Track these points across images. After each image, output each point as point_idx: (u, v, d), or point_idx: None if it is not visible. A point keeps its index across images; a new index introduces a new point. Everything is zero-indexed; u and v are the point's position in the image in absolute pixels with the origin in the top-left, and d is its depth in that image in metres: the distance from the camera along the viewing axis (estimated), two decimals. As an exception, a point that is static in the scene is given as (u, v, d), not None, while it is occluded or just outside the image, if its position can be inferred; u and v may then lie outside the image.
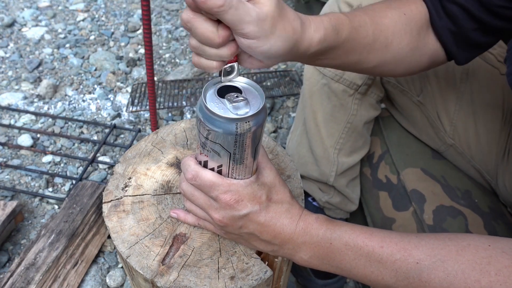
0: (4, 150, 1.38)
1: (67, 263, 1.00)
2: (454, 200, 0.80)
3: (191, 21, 0.43)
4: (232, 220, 0.51)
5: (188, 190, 0.53)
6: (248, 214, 0.50)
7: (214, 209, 0.51)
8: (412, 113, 0.92)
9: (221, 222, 0.51)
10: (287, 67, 1.81)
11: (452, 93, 0.84)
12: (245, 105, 0.47)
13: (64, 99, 1.59)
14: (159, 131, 0.74)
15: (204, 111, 0.46)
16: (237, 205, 0.50)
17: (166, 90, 1.60)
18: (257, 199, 0.51)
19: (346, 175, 0.97)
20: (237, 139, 0.47)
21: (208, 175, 0.50)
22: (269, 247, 0.53)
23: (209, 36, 0.43)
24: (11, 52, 1.79)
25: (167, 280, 0.54)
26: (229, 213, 0.50)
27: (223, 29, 0.43)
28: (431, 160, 0.90)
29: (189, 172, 0.51)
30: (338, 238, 0.51)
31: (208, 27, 0.43)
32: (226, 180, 0.50)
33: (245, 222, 0.51)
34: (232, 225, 0.51)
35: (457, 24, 0.61)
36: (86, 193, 1.11)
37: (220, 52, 0.45)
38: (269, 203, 0.52)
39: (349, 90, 0.89)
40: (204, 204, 0.52)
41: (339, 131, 0.93)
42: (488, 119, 0.81)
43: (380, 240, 0.50)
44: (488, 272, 0.44)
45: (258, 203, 0.50)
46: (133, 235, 0.58)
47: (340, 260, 0.51)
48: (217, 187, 0.49)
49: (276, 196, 0.52)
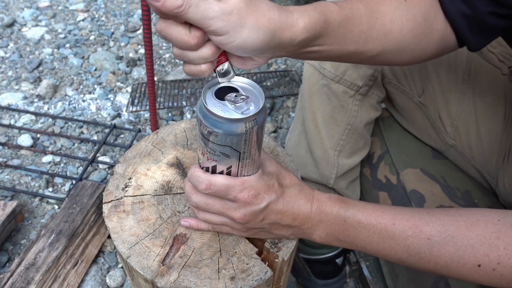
0: (4, 150, 1.38)
1: (67, 263, 1.00)
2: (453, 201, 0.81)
3: (164, 29, 0.43)
4: (254, 215, 0.52)
5: (201, 201, 0.53)
6: (268, 205, 0.51)
7: (233, 210, 0.52)
8: (413, 114, 0.92)
9: (243, 220, 0.52)
10: (287, 67, 1.81)
11: (453, 94, 0.84)
12: (248, 103, 0.48)
13: (64, 99, 1.59)
14: (159, 131, 0.74)
15: (211, 117, 0.46)
16: (256, 199, 0.51)
17: (166, 90, 1.60)
18: (271, 188, 0.52)
19: (346, 177, 0.97)
20: (246, 137, 0.47)
21: (221, 179, 0.50)
22: (289, 230, 0.55)
23: (184, 39, 0.43)
24: (11, 52, 1.79)
25: (168, 281, 0.54)
26: (249, 210, 0.51)
27: (195, 29, 0.43)
28: (430, 160, 0.90)
29: (202, 182, 0.51)
30: (352, 216, 0.52)
31: (180, 31, 0.43)
32: (239, 179, 0.51)
33: (266, 214, 0.52)
34: (254, 220, 0.52)
35: (471, 6, 0.58)
36: (86, 193, 1.11)
37: (202, 54, 0.45)
38: (283, 189, 0.53)
39: (350, 91, 0.89)
40: (221, 209, 0.53)
41: (339, 133, 0.93)
42: (489, 119, 0.81)
43: (392, 217, 0.51)
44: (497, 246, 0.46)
45: (274, 192, 0.52)
46: (133, 236, 0.59)
47: (355, 237, 0.53)
48: (233, 188, 0.50)
49: (285, 181, 0.54)
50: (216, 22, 0.42)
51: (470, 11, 0.58)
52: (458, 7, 0.59)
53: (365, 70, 0.87)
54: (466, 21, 0.59)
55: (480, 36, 0.61)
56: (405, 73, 0.88)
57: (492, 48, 0.82)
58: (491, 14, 0.58)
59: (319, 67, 0.90)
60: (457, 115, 0.84)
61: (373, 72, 0.87)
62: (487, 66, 0.81)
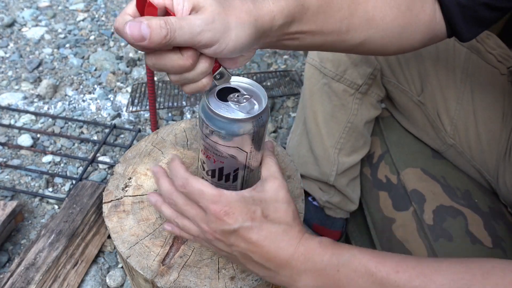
0: (4, 150, 1.38)
1: (67, 263, 1.00)
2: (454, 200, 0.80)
3: (156, 63, 0.43)
4: (223, 235, 0.47)
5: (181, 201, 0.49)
6: (238, 229, 0.45)
7: (203, 220, 0.47)
8: (412, 113, 0.92)
9: (212, 236, 0.47)
10: (287, 67, 1.81)
11: (452, 93, 0.84)
12: (251, 102, 0.48)
13: (64, 99, 1.59)
14: (159, 131, 0.74)
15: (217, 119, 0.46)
16: (227, 217, 0.45)
17: (166, 90, 1.60)
18: (250, 214, 0.46)
19: (347, 175, 0.97)
20: (254, 136, 0.47)
21: (197, 183, 0.47)
22: (263, 271, 0.48)
23: (179, 64, 0.42)
24: (11, 52, 1.79)
25: (167, 281, 0.54)
26: (219, 227, 0.46)
27: (186, 50, 0.42)
28: (431, 160, 0.90)
29: (179, 179, 0.48)
30: (347, 263, 0.45)
31: (172, 58, 0.42)
32: (217, 190, 0.46)
33: (236, 239, 0.46)
34: (223, 241, 0.47)
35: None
36: (86, 193, 1.11)
37: (199, 70, 0.44)
38: (264, 221, 0.46)
39: (350, 90, 0.89)
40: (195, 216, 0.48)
41: (340, 131, 0.93)
42: (488, 119, 0.81)
43: (394, 264, 0.44)
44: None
45: (251, 219, 0.46)
46: (133, 235, 0.58)
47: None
48: (206, 195, 0.46)
49: (274, 214, 0.47)
50: (204, 35, 0.41)
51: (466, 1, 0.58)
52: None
53: (365, 69, 0.87)
54: (461, 10, 0.59)
55: (472, 26, 0.60)
56: (404, 72, 0.88)
57: (491, 49, 0.82)
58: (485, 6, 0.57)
59: (320, 67, 0.90)
60: (456, 114, 0.84)
61: (372, 71, 0.87)
62: (485, 66, 0.81)
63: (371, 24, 0.56)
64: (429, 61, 0.85)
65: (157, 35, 0.39)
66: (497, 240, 0.75)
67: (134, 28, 0.39)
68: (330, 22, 0.53)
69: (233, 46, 0.43)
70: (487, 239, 0.74)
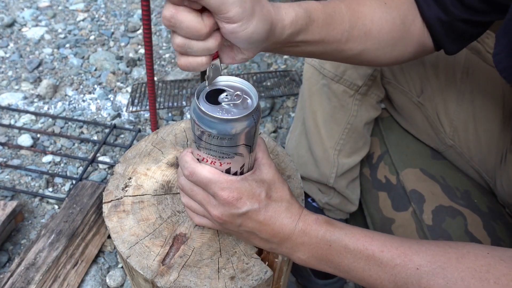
0: (4, 150, 1.38)
1: (67, 263, 1.01)
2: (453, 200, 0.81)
3: (174, 16, 0.42)
4: (231, 217, 0.50)
5: (187, 185, 0.52)
6: (247, 212, 0.49)
7: (212, 206, 0.50)
8: (412, 114, 0.92)
9: (220, 219, 0.50)
10: (287, 67, 1.81)
11: (452, 94, 0.84)
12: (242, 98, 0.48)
13: (64, 99, 1.60)
14: (159, 131, 0.74)
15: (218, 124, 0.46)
16: (237, 202, 0.49)
17: (166, 90, 1.60)
18: (256, 197, 0.50)
19: (346, 176, 0.97)
20: (256, 129, 0.48)
21: (205, 171, 0.49)
22: (267, 245, 0.53)
23: (196, 27, 0.42)
24: (11, 52, 1.79)
25: (167, 280, 0.54)
26: (228, 211, 0.49)
27: (208, 17, 0.42)
28: (430, 160, 0.90)
29: (186, 168, 0.50)
30: (338, 240, 0.50)
31: (193, 18, 0.42)
32: (225, 176, 0.49)
33: (244, 220, 0.50)
34: (231, 222, 0.51)
35: (448, 13, 0.60)
36: (86, 193, 1.11)
37: (208, 44, 0.44)
38: (269, 201, 0.51)
39: (350, 91, 0.89)
40: (203, 200, 0.51)
41: (339, 132, 0.93)
42: (488, 119, 0.81)
43: (380, 244, 0.49)
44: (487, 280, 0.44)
45: (258, 201, 0.50)
46: (133, 235, 0.59)
47: (339, 262, 0.51)
48: (215, 183, 0.48)
49: (275, 194, 0.51)
50: (234, 8, 0.41)
51: (446, 17, 0.61)
52: (435, 12, 0.61)
53: (365, 70, 0.87)
54: (443, 26, 0.62)
55: (455, 40, 0.64)
56: (404, 73, 0.88)
57: (491, 49, 0.82)
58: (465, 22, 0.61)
59: (319, 67, 0.90)
60: (456, 115, 0.84)
61: (372, 72, 0.87)
62: (485, 66, 0.81)
63: (368, 36, 0.60)
64: (429, 62, 0.85)
65: None
66: (496, 240, 0.75)
67: None
68: (332, 34, 0.56)
69: (250, 33, 0.44)
70: (486, 239, 0.75)
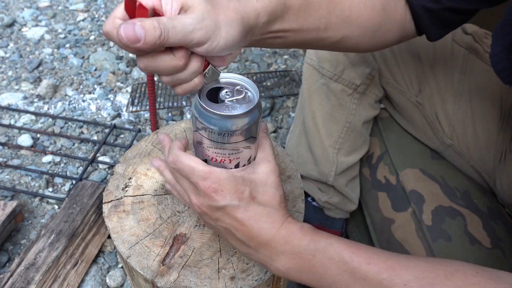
0: (4, 150, 1.38)
1: (67, 263, 1.01)
2: (453, 201, 0.81)
3: (149, 65, 0.43)
4: (209, 209, 0.49)
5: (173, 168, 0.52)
6: (225, 206, 0.48)
7: (193, 193, 0.50)
8: (410, 113, 0.92)
9: (199, 209, 0.50)
10: (287, 67, 1.81)
11: (450, 94, 0.84)
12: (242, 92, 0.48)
13: (64, 99, 1.60)
14: (159, 131, 0.74)
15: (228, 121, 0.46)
16: (215, 194, 0.47)
17: (166, 90, 1.60)
18: (238, 193, 0.48)
19: (346, 175, 0.97)
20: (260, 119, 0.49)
21: (187, 160, 0.49)
22: (244, 248, 0.51)
23: (172, 65, 0.43)
24: (11, 52, 1.79)
25: (167, 281, 0.54)
26: (206, 202, 0.48)
27: (177, 50, 0.43)
28: (430, 160, 0.90)
29: (171, 155, 0.50)
30: (322, 250, 0.48)
31: (165, 59, 0.42)
32: (208, 167, 0.48)
33: (222, 215, 0.49)
34: (209, 215, 0.50)
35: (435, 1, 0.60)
36: (86, 193, 1.11)
37: (191, 69, 0.44)
38: (251, 202, 0.48)
39: (348, 90, 0.89)
40: (185, 186, 0.51)
41: (338, 131, 0.93)
42: (486, 119, 0.81)
43: (367, 256, 0.47)
44: None
45: (238, 198, 0.48)
46: (133, 236, 0.59)
47: (322, 274, 0.48)
48: (197, 172, 0.48)
49: (261, 196, 0.49)
50: (196, 33, 0.41)
51: (433, 5, 0.61)
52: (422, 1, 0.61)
53: (363, 69, 0.87)
54: (428, 14, 0.62)
55: (439, 28, 0.64)
56: (402, 72, 0.88)
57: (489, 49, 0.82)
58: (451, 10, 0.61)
59: (318, 67, 0.90)
60: (454, 114, 0.84)
61: (370, 71, 0.88)
62: (483, 65, 0.82)
63: (348, 23, 0.59)
64: (427, 62, 0.85)
65: (151, 35, 0.39)
66: (496, 240, 0.75)
67: (128, 30, 0.39)
68: (309, 21, 0.55)
69: (224, 44, 0.44)
70: (486, 239, 0.75)
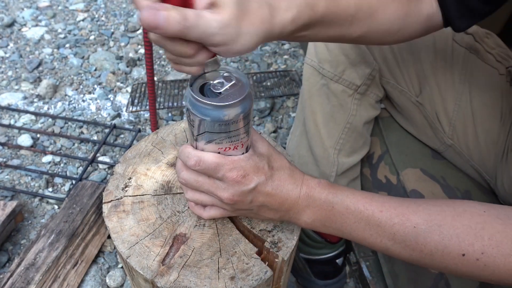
0: (4, 150, 1.38)
1: (67, 263, 1.01)
2: (453, 201, 0.81)
3: (158, 40, 0.43)
4: (242, 195, 0.51)
5: (191, 178, 0.52)
6: (256, 186, 0.51)
7: (222, 190, 0.51)
8: (411, 113, 0.92)
9: (232, 200, 0.51)
10: (287, 67, 1.81)
11: (450, 94, 0.84)
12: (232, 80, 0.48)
13: (64, 99, 1.60)
14: (159, 131, 0.74)
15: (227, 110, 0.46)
16: (245, 179, 0.50)
17: (166, 90, 1.60)
18: (261, 170, 0.51)
19: (347, 176, 0.97)
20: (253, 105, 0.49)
21: (211, 157, 0.50)
22: (277, 214, 0.54)
23: (181, 51, 0.43)
24: (11, 52, 1.79)
25: (167, 281, 0.54)
26: (238, 190, 0.50)
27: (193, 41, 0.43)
28: (430, 160, 0.90)
29: (191, 158, 0.50)
30: (340, 202, 0.52)
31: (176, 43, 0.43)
32: (229, 159, 0.50)
33: (254, 195, 0.51)
34: (242, 201, 0.52)
35: None
36: (86, 193, 1.11)
37: (197, 59, 0.45)
38: (272, 172, 0.52)
39: (348, 90, 0.89)
40: (210, 188, 0.52)
41: (339, 132, 0.93)
42: (486, 119, 0.81)
43: (379, 205, 0.51)
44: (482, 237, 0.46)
45: (263, 174, 0.51)
46: (133, 235, 0.59)
47: (341, 223, 0.53)
48: (222, 166, 0.49)
49: (276, 163, 0.53)
50: (216, 37, 0.42)
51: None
52: None
53: (363, 69, 0.87)
54: (456, 2, 0.62)
55: (466, 18, 0.64)
56: (402, 72, 0.88)
57: (490, 49, 0.82)
58: None
59: (318, 67, 0.90)
60: (454, 114, 0.84)
61: (371, 71, 0.87)
62: (483, 66, 0.82)
63: (374, 18, 0.59)
64: (427, 61, 0.85)
65: (172, 28, 0.39)
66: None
67: (151, 15, 0.39)
68: (336, 21, 0.56)
69: (238, 50, 0.45)
70: (486, 239, 0.74)
